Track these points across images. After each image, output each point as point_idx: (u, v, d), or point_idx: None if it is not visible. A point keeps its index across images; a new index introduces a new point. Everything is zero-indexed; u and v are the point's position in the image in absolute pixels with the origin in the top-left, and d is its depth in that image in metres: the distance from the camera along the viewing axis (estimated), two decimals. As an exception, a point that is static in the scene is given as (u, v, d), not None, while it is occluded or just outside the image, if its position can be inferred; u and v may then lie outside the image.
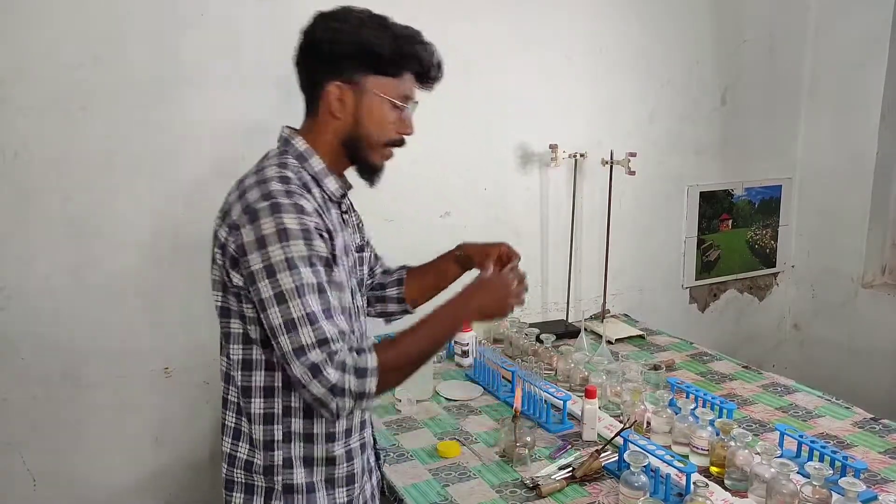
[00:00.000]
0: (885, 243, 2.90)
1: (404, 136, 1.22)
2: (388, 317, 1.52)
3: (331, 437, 1.18)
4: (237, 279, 1.09)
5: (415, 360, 1.13)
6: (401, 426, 1.76)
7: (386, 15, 1.18)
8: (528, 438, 1.57)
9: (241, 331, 1.13)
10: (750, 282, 3.07)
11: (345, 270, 1.16)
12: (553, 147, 2.35)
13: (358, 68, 1.15)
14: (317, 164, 1.18)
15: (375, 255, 1.49)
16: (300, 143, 1.18)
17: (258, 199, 1.06)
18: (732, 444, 1.47)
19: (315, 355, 1.02)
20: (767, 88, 2.90)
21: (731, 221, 2.94)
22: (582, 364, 1.99)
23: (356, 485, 1.23)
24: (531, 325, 2.27)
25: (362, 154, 1.20)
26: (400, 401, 1.84)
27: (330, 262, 1.10)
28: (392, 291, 1.48)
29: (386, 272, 1.51)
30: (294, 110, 1.83)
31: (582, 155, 2.42)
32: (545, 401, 1.76)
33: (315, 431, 1.16)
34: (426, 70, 1.21)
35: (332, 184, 1.19)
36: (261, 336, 1.11)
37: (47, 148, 1.72)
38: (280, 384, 1.13)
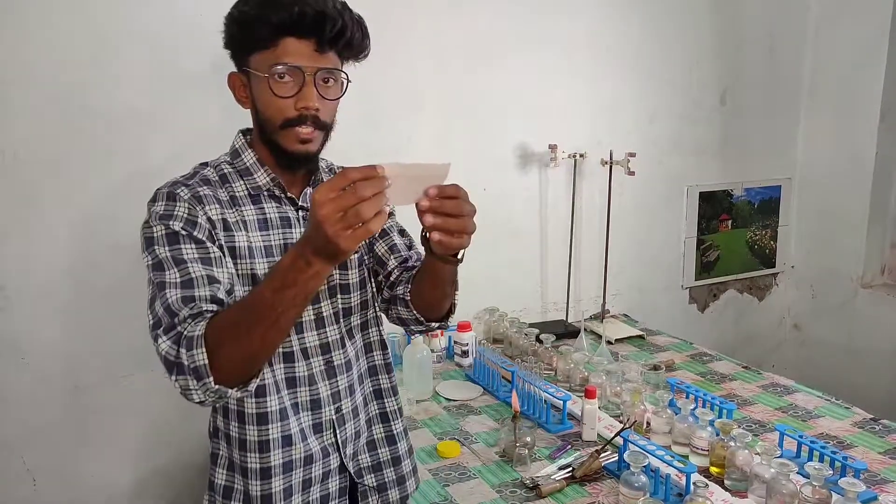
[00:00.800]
0: (885, 244, 2.90)
1: (306, 112, 1.05)
2: (404, 326, 1.26)
3: (242, 445, 1.12)
4: None
5: (254, 323, 0.92)
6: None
7: None
8: (528, 438, 1.57)
9: None
10: (749, 282, 3.07)
11: (247, 269, 1.08)
12: (552, 147, 2.35)
13: (241, 52, 1.07)
14: (248, 158, 1.14)
15: (389, 249, 1.27)
16: (237, 141, 1.16)
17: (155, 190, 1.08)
18: (732, 444, 1.47)
19: (157, 329, 0.96)
20: (767, 89, 2.90)
21: (730, 222, 2.94)
22: (582, 364, 1.99)
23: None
24: (531, 325, 2.27)
25: (272, 141, 1.09)
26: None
27: (203, 244, 1.02)
28: (400, 290, 1.22)
29: (407, 267, 1.25)
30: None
31: (581, 155, 2.43)
32: (545, 401, 1.76)
33: (231, 434, 1.12)
34: (299, 20, 1.01)
35: (260, 177, 1.12)
36: None
37: (47, 148, 1.72)
38: None
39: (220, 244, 1.06)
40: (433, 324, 1.23)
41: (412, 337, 1.92)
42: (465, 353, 2.13)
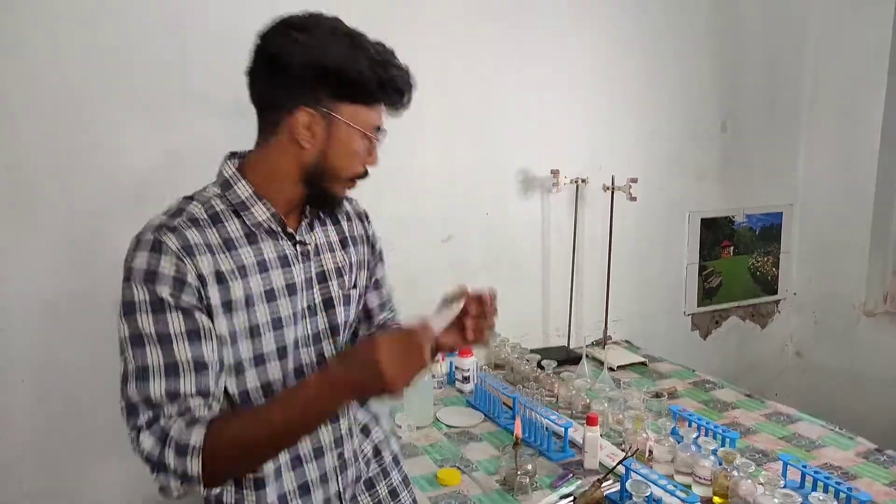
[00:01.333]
0: (887, 271, 2.90)
1: (368, 170, 1.10)
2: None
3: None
4: None
5: (260, 445, 0.93)
6: (401, 452, 1.74)
7: (357, 31, 1.04)
8: (529, 466, 1.56)
9: None
10: (752, 309, 3.07)
11: (245, 322, 1.02)
12: (554, 172, 2.36)
13: (330, 93, 1.01)
14: (242, 190, 1.05)
15: (381, 305, 1.30)
16: (228, 170, 1.07)
17: (136, 233, 1.00)
18: (735, 473, 1.46)
19: (136, 419, 0.91)
20: (767, 116, 2.92)
21: (732, 248, 2.94)
22: (583, 391, 1.98)
23: None
24: (532, 351, 2.26)
25: (325, 186, 1.07)
26: (400, 426, 1.83)
27: (191, 312, 0.95)
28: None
29: (382, 326, 1.29)
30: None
31: (583, 180, 2.44)
32: (546, 428, 1.74)
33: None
34: (402, 97, 1.07)
35: (259, 212, 1.05)
36: None
37: (50, 167, 1.73)
38: None
39: (207, 304, 0.97)
40: None
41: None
42: (466, 379, 2.12)
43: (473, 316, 1.10)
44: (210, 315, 0.98)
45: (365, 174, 1.10)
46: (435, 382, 2.09)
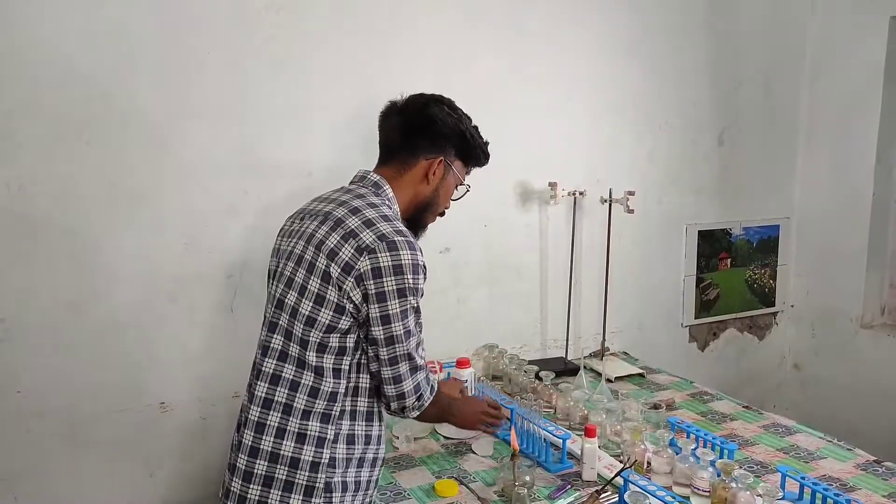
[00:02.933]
0: (884, 284, 2.91)
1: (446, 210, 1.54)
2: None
3: (368, 440, 1.35)
4: (355, 294, 1.25)
5: (434, 415, 1.50)
6: (398, 464, 1.74)
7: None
8: (528, 478, 1.55)
9: (319, 341, 1.27)
10: (749, 321, 3.07)
11: None
12: (553, 185, 2.38)
13: (454, 151, 1.46)
14: (397, 208, 1.41)
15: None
16: (389, 191, 1.40)
17: (393, 233, 1.27)
18: (734, 485, 1.45)
19: (410, 363, 1.31)
20: (764, 129, 2.94)
21: (729, 260, 2.95)
22: (581, 402, 1.98)
23: (369, 491, 1.39)
24: (530, 363, 2.26)
25: (425, 216, 1.48)
26: (397, 437, 1.82)
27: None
28: None
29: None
30: (294, 145, 1.86)
31: (581, 193, 2.45)
32: (544, 439, 1.74)
33: (357, 433, 1.33)
34: (484, 165, 1.56)
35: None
36: (352, 346, 1.29)
37: (52, 182, 1.74)
38: (343, 390, 1.30)
39: None
40: None
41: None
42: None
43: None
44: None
45: (443, 213, 1.54)
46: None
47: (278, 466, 1.27)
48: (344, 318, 1.26)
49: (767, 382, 3.14)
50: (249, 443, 1.29)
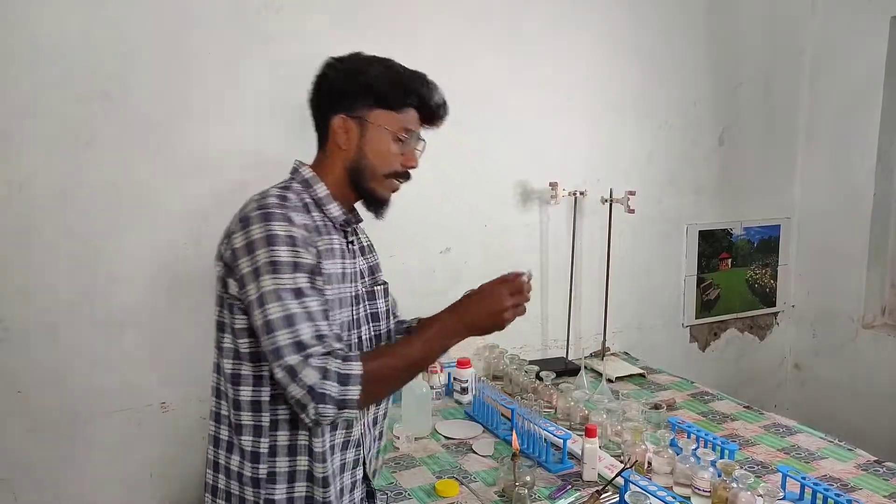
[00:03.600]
0: (885, 284, 2.91)
1: (409, 170, 1.27)
2: None
3: (313, 454, 1.18)
4: (232, 287, 1.14)
5: (401, 374, 1.15)
6: (399, 464, 1.74)
7: (391, 58, 1.26)
8: (528, 478, 1.55)
9: (231, 346, 1.17)
10: (750, 321, 3.07)
11: (337, 293, 1.20)
12: (553, 185, 2.37)
13: (362, 102, 1.21)
14: (321, 190, 1.23)
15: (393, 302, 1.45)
16: (306, 172, 1.24)
17: (252, 209, 1.13)
18: (734, 485, 1.45)
19: (292, 358, 1.05)
20: (764, 129, 2.94)
21: (730, 260, 2.95)
22: (582, 402, 1.98)
23: None
24: (531, 363, 2.26)
25: (366, 184, 1.24)
26: (398, 438, 1.82)
27: (316, 271, 1.12)
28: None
29: (399, 322, 1.44)
30: (293, 141, 1.85)
31: (582, 193, 2.45)
32: (545, 439, 1.74)
33: (299, 443, 1.18)
34: (428, 106, 1.26)
35: (335, 209, 1.24)
36: (249, 350, 1.15)
37: (52, 182, 1.74)
38: (268, 398, 1.16)
39: (321, 270, 1.15)
40: None
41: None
42: (464, 390, 2.12)
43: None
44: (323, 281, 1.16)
45: (405, 174, 1.27)
46: (433, 394, 2.09)
47: (230, 481, 1.20)
48: (236, 316, 1.15)
49: (768, 382, 3.14)
50: (211, 457, 1.24)
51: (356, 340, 1.26)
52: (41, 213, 1.74)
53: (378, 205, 1.27)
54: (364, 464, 1.29)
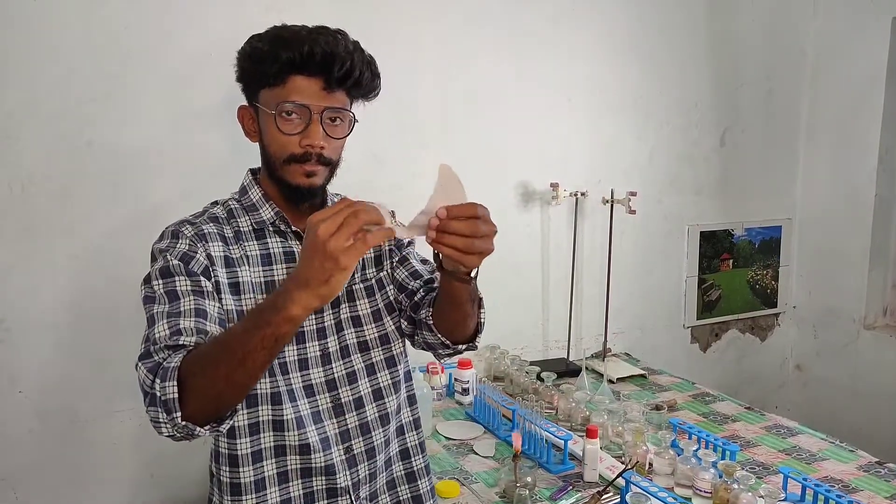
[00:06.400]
0: (886, 285, 2.90)
1: (311, 150, 1.06)
2: (432, 351, 1.23)
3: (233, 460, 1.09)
4: None
5: (223, 359, 0.89)
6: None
7: (287, 25, 1.10)
8: (529, 479, 1.55)
9: None
10: (751, 322, 3.06)
11: (252, 305, 1.07)
12: (554, 185, 2.37)
13: (251, 87, 1.11)
14: (254, 194, 1.17)
15: (411, 275, 1.25)
16: (245, 179, 1.20)
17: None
18: (736, 486, 1.45)
19: (140, 356, 0.95)
20: (766, 130, 2.93)
21: (731, 261, 2.94)
22: (583, 403, 1.98)
23: None
24: (532, 364, 2.26)
25: (278, 176, 1.10)
26: (399, 439, 1.82)
27: (197, 277, 1.03)
28: (422, 313, 1.18)
29: (431, 288, 1.23)
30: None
31: (583, 193, 2.44)
32: (546, 440, 1.74)
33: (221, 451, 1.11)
34: (308, 59, 1.03)
35: (265, 212, 1.14)
36: None
37: (53, 182, 1.73)
38: None
39: (216, 280, 1.06)
40: (461, 346, 1.20)
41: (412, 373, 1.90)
42: (465, 391, 2.12)
43: (451, 232, 0.93)
44: (218, 290, 1.06)
45: (305, 156, 1.07)
46: (434, 394, 2.08)
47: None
48: None
49: (769, 383, 3.13)
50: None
51: (318, 354, 1.13)
52: (41, 213, 1.73)
53: (294, 193, 1.10)
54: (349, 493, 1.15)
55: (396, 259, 1.27)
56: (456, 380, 2.15)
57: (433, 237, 0.92)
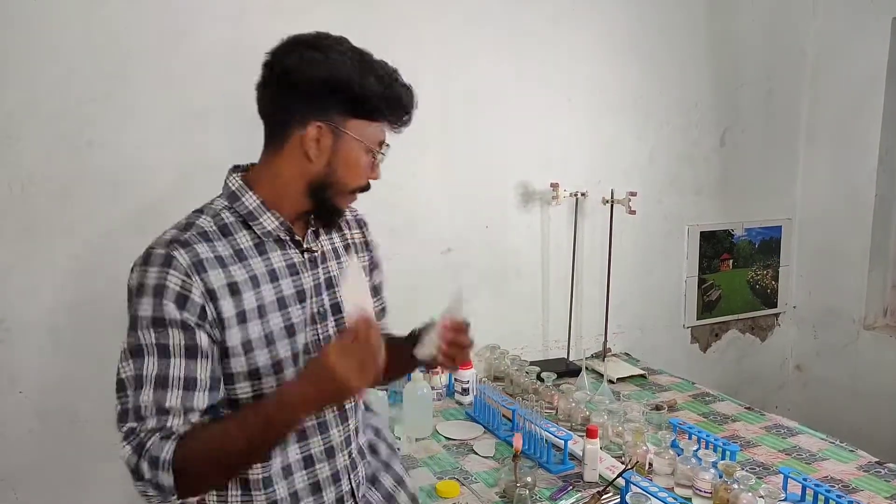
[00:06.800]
0: (886, 285, 2.90)
1: (370, 183, 1.15)
2: None
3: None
4: None
5: (226, 460, 0.97)
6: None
7: (364, 49, 1.10)
8: (529, 479, 1.55)
9: None
10: (751, 322, 3.06)
11: (260, 331, 1.05)
12: (554, 185, 2.37)
13: (339, 109, 1.06)
14: (249, 201, 1.08)
15: (381, 311, 1.35)
16: (234, 182, 1.10)
17: (146, 250, 1.03)
18: (736, 486, 1.45)
19: (123, 426, 0.98)
20: (766, 130, 2.93)
21: (731, 261, 2.94)
22: (583, 403, 1.98)
23: None
24: (532, 364, 2.26)
25: (329, 199, 1.10)
26: (399, 438, 1.82)
27: (190, 328, 0.98)
28: None
29: (389, 337, 1.32)
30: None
31: (583, 194, 2.44)
32: (546, 440, 1.74)
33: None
34: (405, 114, 1.12)
35: (268, 221, 1.08)
36: None
37: (53, 182, 1.74)
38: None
39: (216, 317, 1.00)
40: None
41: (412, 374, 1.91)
42: (465, 391, 2.12)
43: (447, 342, 1.15)
44: (222, 327, 1.01)
45: (367, 187, 1.14)
46: (434, 394, 2.08)
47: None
48: None
49: (769, 383, 3.13)
50: None
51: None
52: (41, 213, 1.73)
53: (330, 216, 1.14)
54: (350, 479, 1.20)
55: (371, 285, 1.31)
56: (456, 380, 2.15)
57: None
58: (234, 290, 1.02)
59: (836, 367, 2.97)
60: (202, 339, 0.99)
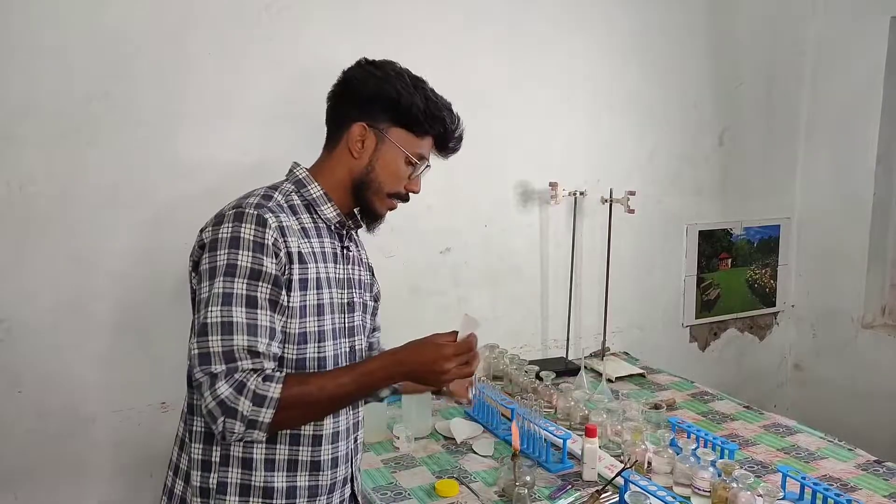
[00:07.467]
0: (885, 284, 2.90)
1: (409, 194, 1.27)
2: None
3: (269, 465, 1.14)
4: (194, 283, 1.14)
5: (323, 405, 1.12)
6: (398, 464, 1.74)
7: (423, 78, 1.26)
8: (528, 478, 1.55)
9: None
10: (750, 321, 3.07)
11: (315, 299, 1.16)
12: (553, 185, 2.37)
13: (385, 116, 1.20)
14: (314, 190, 1.22)
15: (374, 329, 1.45)
16: (300, 172, 1.24)
17: (229, 207, 1.13)
18: (734, 485, 1.45)
19: (216, 366, 1.03)
20: (765, 130, 2.93)
21: (730, 260, 2.95)
22: (582, 402, 1.98)
23: None
24: (531, 363, 2.26)
25: (367, 198, 1.23)
26: (398, 437, 1.82)
27: (279, 283, 1.09)
28: None
29: (370, 347, 1.41)
30: (294, 143, 1.86)
31: (582, 193, 2.44)
32: (545, 439, 1.74)
33: (255, 457, 1.14)
34: (447, 137, 1.26)
35: (329, 210, 1.22)
36: None
37: (53, 182, 1.74)
38: None
39: (289, 278, 1.11)
40: None
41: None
42: (464, 390, 2.12)
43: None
44: (289, 288, 1.11)
45: (406, 197, 1.27)
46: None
47: (186, 486, 1.18)
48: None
49: (768, 382, 3.14)
50: (173, 458, 1.22)
51: (346, 350, 1.23)
52: (41, 213, 1.74)
53: (372, 219, 1.27)
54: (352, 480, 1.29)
55: (371, 307, 1.38)
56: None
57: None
58: (301, 259, 1.13)
59: (834, 365, 2.98)
60: (282, 295, 1.10)
